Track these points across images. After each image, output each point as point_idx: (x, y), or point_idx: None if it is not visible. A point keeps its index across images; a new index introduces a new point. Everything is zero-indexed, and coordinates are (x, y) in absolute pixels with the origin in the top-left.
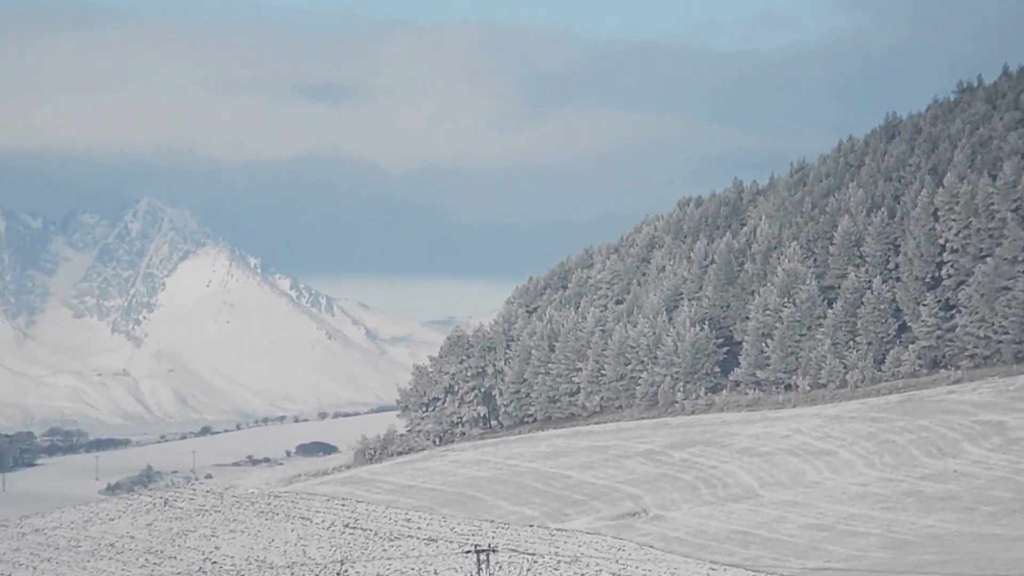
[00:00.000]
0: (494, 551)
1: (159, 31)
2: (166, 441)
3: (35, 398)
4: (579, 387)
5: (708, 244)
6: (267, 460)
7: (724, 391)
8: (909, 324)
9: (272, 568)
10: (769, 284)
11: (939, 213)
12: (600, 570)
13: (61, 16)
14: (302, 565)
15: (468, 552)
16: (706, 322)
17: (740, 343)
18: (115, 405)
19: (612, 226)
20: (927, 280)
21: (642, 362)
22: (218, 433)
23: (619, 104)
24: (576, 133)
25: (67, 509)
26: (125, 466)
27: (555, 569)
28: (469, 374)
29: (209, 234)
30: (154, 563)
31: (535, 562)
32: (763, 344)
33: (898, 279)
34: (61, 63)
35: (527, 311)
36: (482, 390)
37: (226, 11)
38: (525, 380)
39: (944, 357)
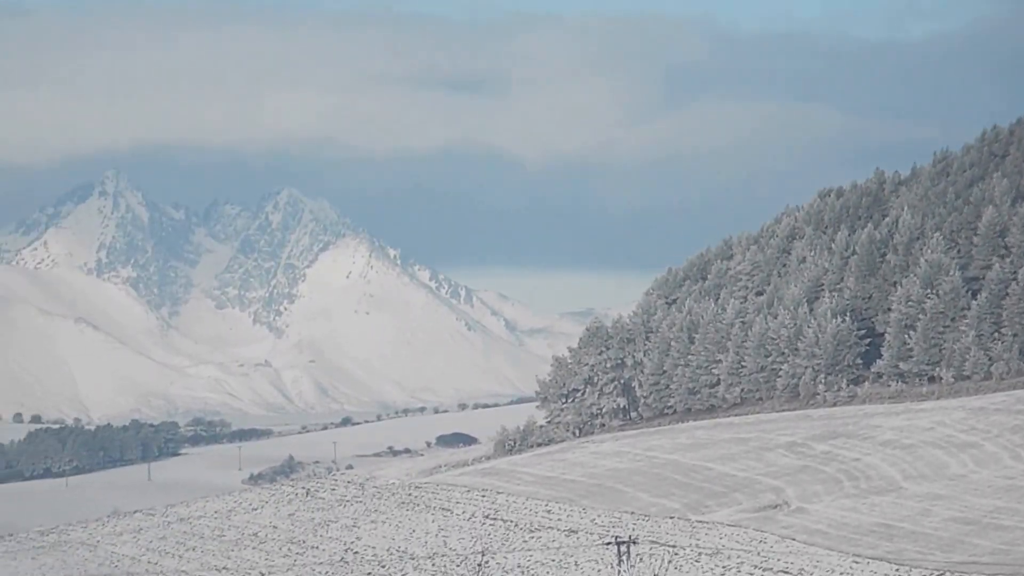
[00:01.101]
0: (635, 543)
1: (302, 26)
2: (307, 432)
3: (179, 388)
4: (719, 379)
5: (849, 235)
6: (407, 451)
7: (866, 383)
8: None
9: (413, 559)
10: (912, 275)
11: None
12: (742, 562)
13: (207, 11)
14: (443, 556)
15: (609, 544)
16: (848, 313)
17: (882, 335)
18: (257, 396)
19: (752, 217)
20: None
21: (783, 354)
22: (359, 424)
23: (759, 94)
24: (715, 124)
25: (211, 499)
26: (267, 456)
27: (696, 561)
28: (608, 365)
29: (349, 225)
30: (297, 553)
31: (676, 554)
32: (906, 336)
33: None
34: (204, 59)
35: (666, 302)
36: (621, 381)
37: (369, 4)
38: (664, 372)
39: None
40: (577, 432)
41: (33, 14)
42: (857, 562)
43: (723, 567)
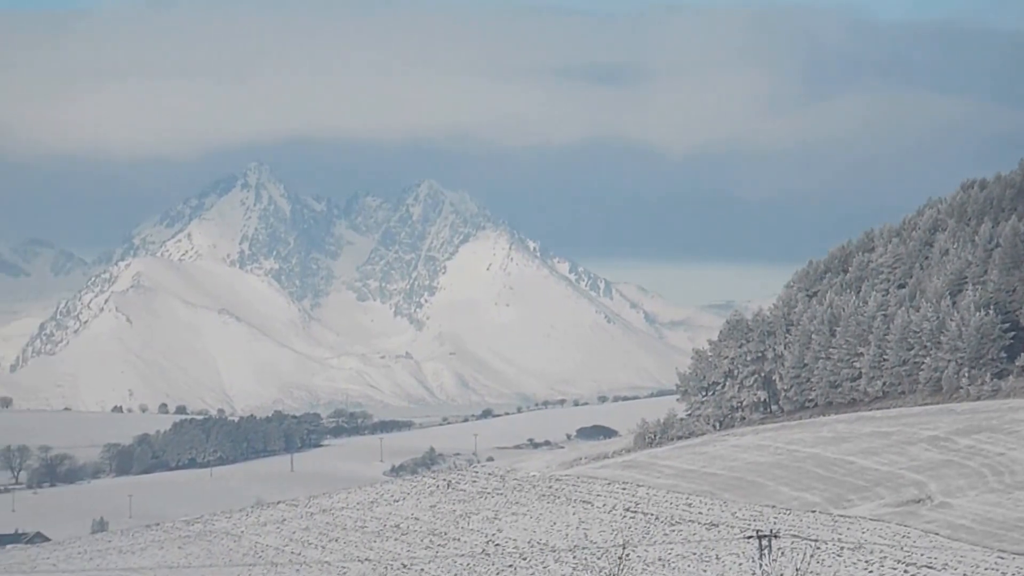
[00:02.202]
0: (776, 536)
1: (443, 17)
2: (448, 424)
3: (321, 380)
4: (861, 372)
5: (993, 227)
6: (547, 443)
7: (1011, 377)
8: None
9: (554, 551)
10: None
11: None
12: (884, 557)
13: (350, 4)
14: (584, 548)
15: (750, 537)
16: (991, 306)
17: None
18: (398, 387)
19: (893, 209)
20: None
21: (925, 347)
22: (499, 416)
23: (900, 84)
24: (859, 115)
25: (353, 490)
26: (408, 448)
27: (838, 556)
28: (749, 358)
29: (489, 217)
30: (438, 544)
31: (818, 548)
32: None
33: None
34: (346, 51)
35: (807, 295)
36: (762, 375)
37: None
38: (806, 365)
39: None
40: (717, 425)
41: (178, 6)
42: (1002, 558)
43: (866, 561)
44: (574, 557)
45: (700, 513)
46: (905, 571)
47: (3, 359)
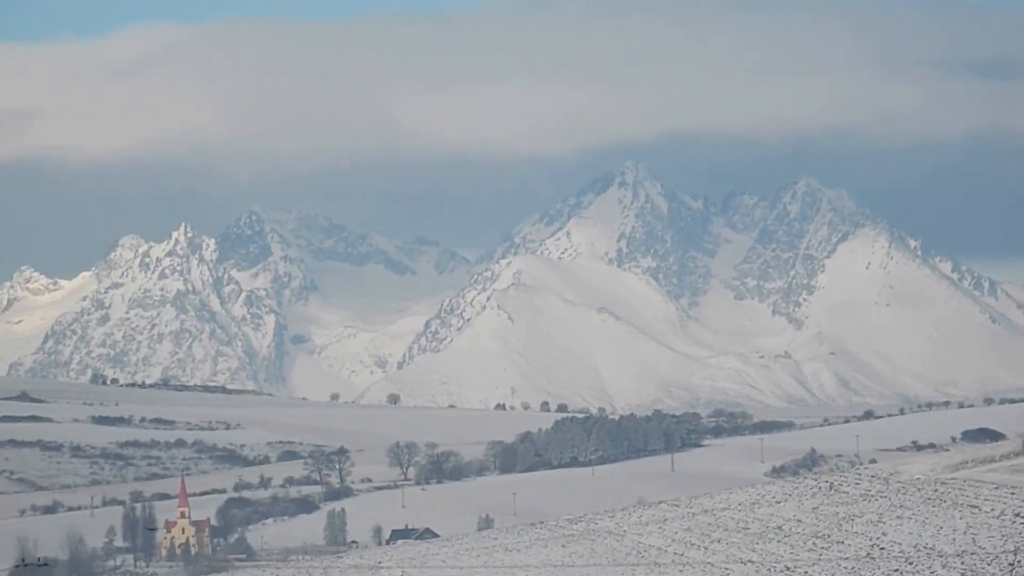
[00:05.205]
0: None
1: (822, 12)
2: (829, 424)
3: (699, 379)
4: None
5: None
6: (931, 446)
7: None
8: None
9: (941, 556)
10: None
11: None
12: None
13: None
14: (972, 554)
15: None
16: None
17: None
18: (777, 387)
19: None
20: None
21: None
22: (880, 417)
23: None
24: None
25: (734, 491)
26: (789, 449)
27: None
28: None
29: (868, 215)
30: (822, 547)
31: None
32: None
33: None
34: (722, 50)
35: None
36: None
37: None
38: None
39: None
40: None
41: (559, 7)
42: None
43: None
44: (962, 563)
45: None
46: None
47: (391, 356)
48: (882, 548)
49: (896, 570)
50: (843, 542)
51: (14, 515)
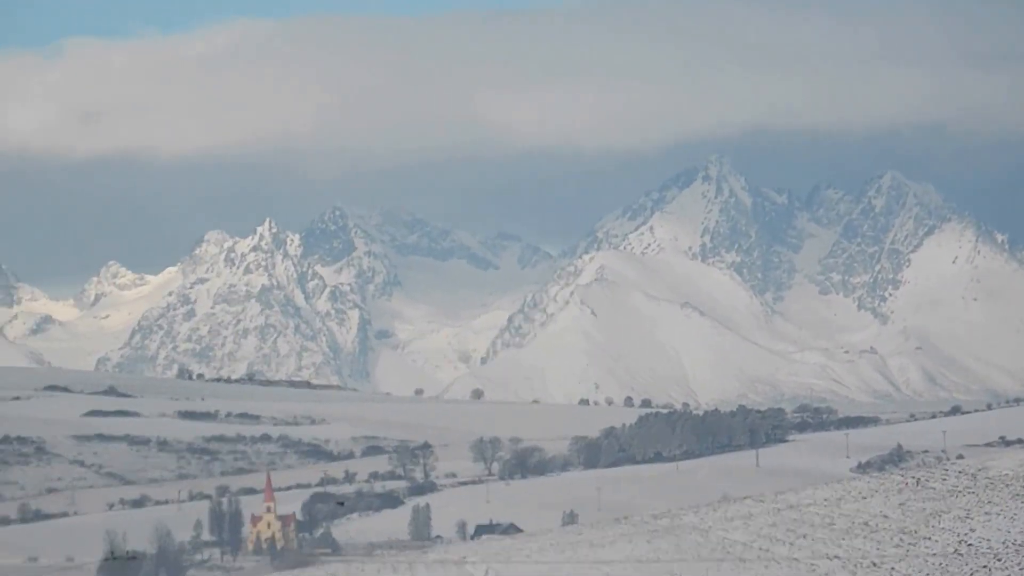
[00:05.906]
0: None
1: (920, 3)
2: (915, 420)
3: (784, 374)
4: None
5: None
6: (1020, 441)
7: None
8: None
9: None
10: None
11: None
12: None
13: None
14: None
15: None
16: None
17: None
18: (863, 382)
19: None
20: None
21: None
22: (968, 413)
23: None
24: None
25: (819, 486)
26: (875, 444)
27: None
28: None
29: (954, 209)
30: (908, 543)
31: None
32: None
33: None
34: (809, 44)
35: None
36: None
37: None
38: None
39: None
40: None
41: (646, 6)
42: None
43: None
44: None
45: None
46: None
47: (475, 351)
48: (970, 544)
49: (984, 566)
50: (930, 538)
51: (103, 509)
